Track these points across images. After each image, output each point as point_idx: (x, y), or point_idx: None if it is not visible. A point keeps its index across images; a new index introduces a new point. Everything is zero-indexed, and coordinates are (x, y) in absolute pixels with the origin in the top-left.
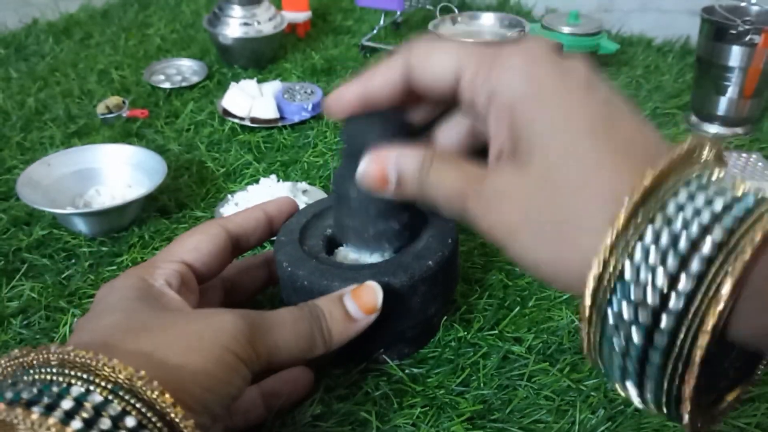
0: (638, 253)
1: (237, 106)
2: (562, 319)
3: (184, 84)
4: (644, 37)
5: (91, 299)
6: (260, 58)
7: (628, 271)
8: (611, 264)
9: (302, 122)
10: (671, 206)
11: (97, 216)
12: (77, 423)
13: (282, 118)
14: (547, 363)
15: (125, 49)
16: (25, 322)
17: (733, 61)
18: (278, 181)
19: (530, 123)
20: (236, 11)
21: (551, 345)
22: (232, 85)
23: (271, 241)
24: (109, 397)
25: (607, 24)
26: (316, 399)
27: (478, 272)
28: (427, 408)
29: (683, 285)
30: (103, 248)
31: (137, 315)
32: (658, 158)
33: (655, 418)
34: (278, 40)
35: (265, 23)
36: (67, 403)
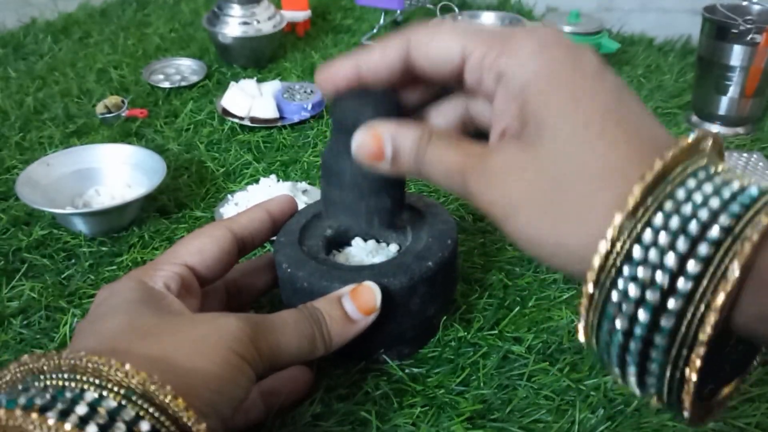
0: (648, 235)
1: (236, 106)
2: (562, 319)
3: (183, 83)
4: (645, 36)
5: (91, 299)
6: (260, 57)
7: (637, 252)
8: (618, 245)
9: (302, 122)
10: (680, 192)
11: (97, 216)
12: (92, 428)
13: (282, 117)
14: (547, 363)
15: (124, 49)
16: (25, 322)
17: (734, 61)
18: (278, 181)
19: (542, 104)
20: (236, 10)
21: (551, 345)
22: (232, 84)
23: (271, 242)
24: (123, 402)
25: (608, 23)
26: (316, 399)
27: (478, 272)
28: (427, 408)
29: (692, 267)
30: (103, 248)
31: (141, 319)
32: (665, 148)
33: (655, 418)
34: (278, 40)
35: (264, 22)
36: (82, 409)
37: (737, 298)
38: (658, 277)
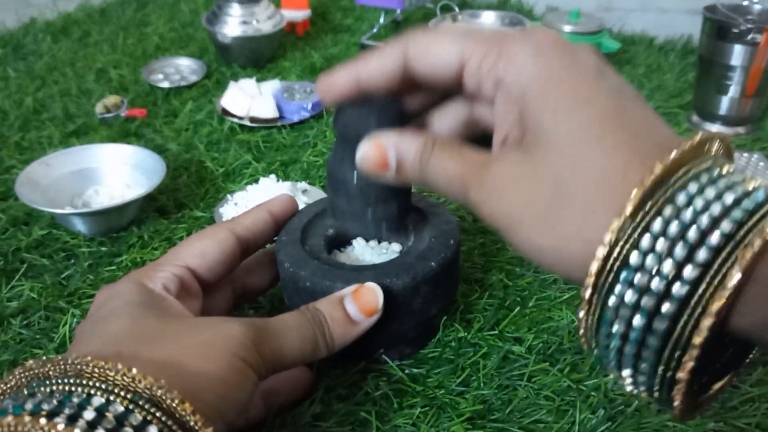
0: (646, 241)
1: (236, 106)
2: (562, 319)
3: (182, 83)
4: (646, 36)
5: (91, 299)
6: (259, 57)
7: (635, 258)
8: (616, 251)
9: (302, 122)
10: (681, 198)
11: (96, 216)
12: None
13: (281, 117)
14: (547, 363)
15: (123, 48)
16: (24, 322)
17: (735, 60)
18: (278, 180)
19: (540, 110)
20: (235, 10)
21: (551, 345)
22: (231, 84)
23: (273, 241)
24: (130, 407)
25: (608, 23)
26: (316, 399)
27: (478, 272)
28: (427, 408)
29: (688, 272)
30: (102, 248)
31: (145, 322)
32: (667, 150)
33: (655, 418)
34: (277, 39)
35: (264, 22)
36: (89, 414)
37: (736, 303)
38: (654, 283)
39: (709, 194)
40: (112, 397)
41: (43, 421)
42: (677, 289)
